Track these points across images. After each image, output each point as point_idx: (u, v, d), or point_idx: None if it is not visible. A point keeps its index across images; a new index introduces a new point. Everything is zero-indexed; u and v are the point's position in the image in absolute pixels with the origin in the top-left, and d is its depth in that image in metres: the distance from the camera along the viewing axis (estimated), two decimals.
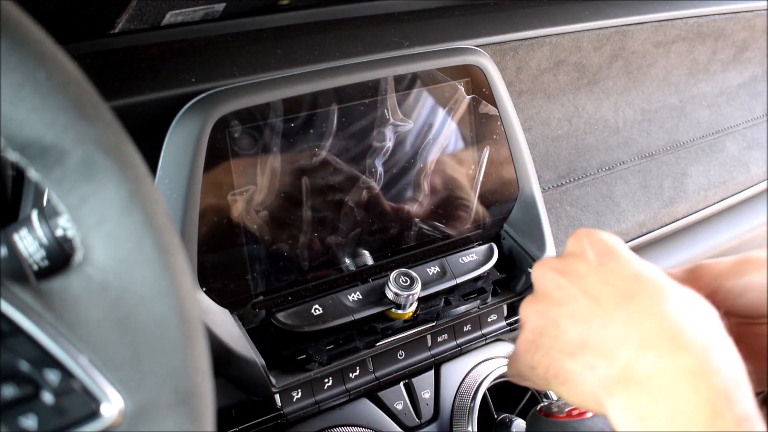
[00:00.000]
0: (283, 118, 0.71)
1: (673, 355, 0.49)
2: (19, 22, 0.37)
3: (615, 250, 0.58)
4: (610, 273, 0.56)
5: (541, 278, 0.61)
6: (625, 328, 0.52)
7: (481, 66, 0.83)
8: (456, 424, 0.82)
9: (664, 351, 0.49)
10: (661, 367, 0.49)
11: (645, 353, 0.50)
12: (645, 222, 1.12)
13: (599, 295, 0.55)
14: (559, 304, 0.58)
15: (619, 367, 0.51)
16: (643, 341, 0.50)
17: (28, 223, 0.49)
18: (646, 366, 0.49)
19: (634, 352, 0.50)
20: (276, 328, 0.72)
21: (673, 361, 0.48)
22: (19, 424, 0.34)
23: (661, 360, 0.49)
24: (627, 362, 0.50)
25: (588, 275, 0.57)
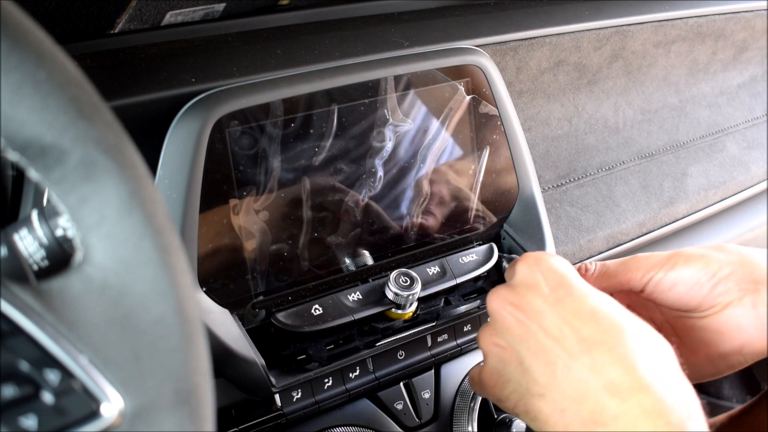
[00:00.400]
0: (283, 118, 0.71)
1: (635, 397, 0.53)
2: (19, 22, 0.37)
3: (568, 282, 0.61)
4: (568, 312, 0.59)
5: (498, 311, 0.63)
6: (591, 375, 0.56)
7: (481, 66, 0.83)
8: (456, 424, 0.82)
9: (627, 395, 0.53)
10: (624, 409, 0.53)
11: (610, 398, 0.54)
12: (645, 222, 1.12)
13: (560, 336, 0.58)
14: (519, 339, 0.61)
15: (587, 411, 0.55)
16: (608, 387, 0.54)
17: (28, 223, 0.49)
18: (612, 409, 0.53)
19: (601, 397, 0.54)
20: (276, 328, 0.72)
21: (635, 403, 0.53)
22: (19, 424, 0.34)
23: (625, 403, 0.53)
24: (594, 406, 0.54)
25: (545, 312, 0.60)
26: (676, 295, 0.68)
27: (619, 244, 1.09)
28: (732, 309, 0.65)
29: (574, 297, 0.60)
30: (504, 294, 0.63)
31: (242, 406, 0.74)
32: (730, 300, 0.65)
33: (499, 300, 0.63)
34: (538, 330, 0.59)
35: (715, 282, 0.66)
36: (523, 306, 0.61)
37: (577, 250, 1.03)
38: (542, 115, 1.08)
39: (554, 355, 0.58)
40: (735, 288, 0.65)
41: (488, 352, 0.64)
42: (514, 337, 0.61)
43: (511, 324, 0.61)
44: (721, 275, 0.66)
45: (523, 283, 0.63)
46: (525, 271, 0.63)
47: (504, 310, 0.62)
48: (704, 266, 0.66)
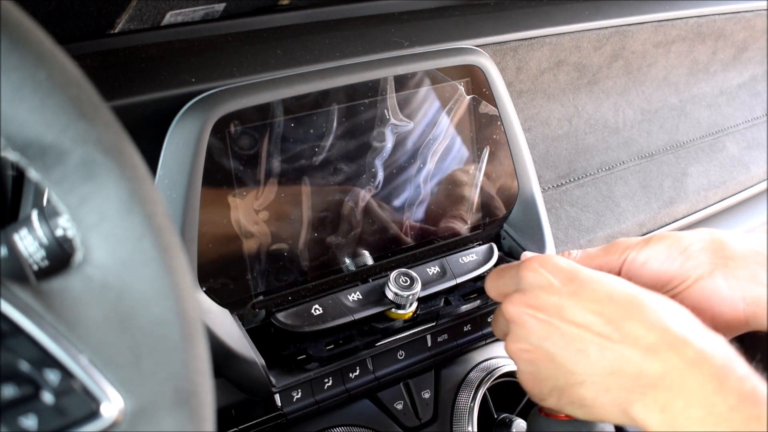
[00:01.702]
0: (283, 118, 0.71)
1: (676, 352, 0.55)
2: (19, 22, 0.37)
3: (577, 275, 0.63)
4: (586, 300, 0.61)
5: (518, 316, 0.65)
6: (627, 348, 0.58)
7: (481, 66, 0.83)
8: (456, 424, 0.82)
9: (668, 353, 0.56)
10: (669, 367, 0.55)
11: (651, 362, 0.56)
12: (645, 222, 1.12)
13: (587, 323, 0.60)
14: (544, 338, 0.62)
15: (631, 381, 0.57)
16: (648, 352, 0.56)
17: (28, 223, 0.49)
18: (656, 370, 0.56)
19: (643, 364, 0.56)
20: (276, 328, 0.72)
21: (678, 358, 0.55)
22: (19, 424, 0.34)
23: (668, 361, 0.55)
24: (638, 374, 0.57)
25: (564, 305, 0.62)
26: (649, 271, 0.70)
27: None
28: (703, 281, 0.67)
29: (587, 286, 0.62)
30: (518, 299, 0.65)
31: (242, 406, 0.74)
32: (701, 273, 0.67)
33: (515, 306, 0.65)
34: (561, 324, 0.61)
35: (686, 256, 0.68)
36: (540, 306, 0.63)
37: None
38: (542, 115, 1.08)
39: (584, 342, 0.60)
40: (706, 261, 0.67)
41: (518, 359, 0.66)
42: (539, 337, 0.63)
43: (532, 326, 0.63)
44: (692, 250, 0.68)
45: (534, 286, 0.64)
46: (532, 275, 0.65)
47: (523, 314, 0.64)
48: (676, 242, 0.69)
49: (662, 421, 0.55)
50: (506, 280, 0.69)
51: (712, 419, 0.53)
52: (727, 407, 0.52)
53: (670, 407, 0.54)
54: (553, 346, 0.61)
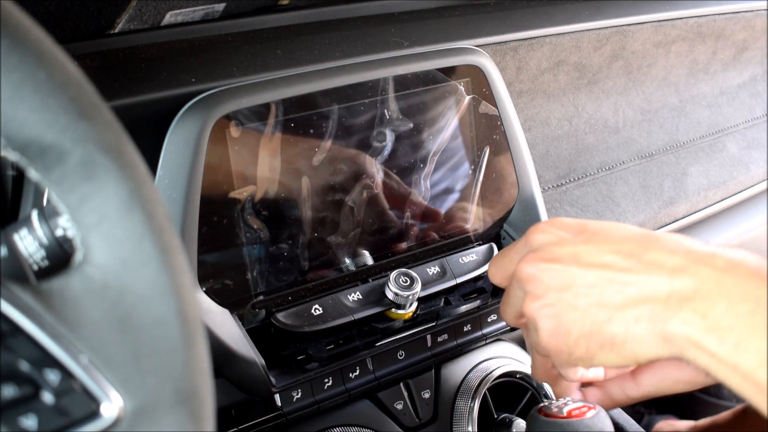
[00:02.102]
0: (283, 118, 0.71)
1: (707, 265, 0.55)
2: (19, 22, 0.37)
3: (587, 226, 0.63)
4: (602, 243, 0.60)
5: (534, 273, 0.62)
6: (654, 276, 0.56)
7: (481, 66, 0.83)
8: (456, 424, 0.82)
9: (697, 267, 0.55)
10: (701, 277, 0.54)
11: (681, 280, 0.55)
12: (645, 222, 1.12)
13: (607, 263, 0.59)
14: (566, 286, 0.60)
15: (663, 302, 0.55)
16: (674, 274, 0.55)
17: (28, 223, 0.49)
18: (687, 286, 0.55)
19: (674, 284, 0.55)
20: (276, 328, 0.72)
21: (710, 267, 0.55)
22: (19, 424, 0.34)
23: (698, 274, 0.55)
24: (670, 293, 0.55)
25: (580, 252, 0.60)
26: None
27: None
28: None
29: (599, 233, 0.61)
30: (531, 257, 0.63)
31: (242, 406, 0.74)
32: None
33: (530, 264, 0.62)
34: (579, 270, 0.59)
35: None
36: (556, 258, 0.61)
37: None
38: (542, 115, 1.08)
39: (607, 280, 0.58)
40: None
41: (539, 317, 0.62)
42: (559, 287, 0.60)
43: (551, 277, 0.61)
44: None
45: (546, 243, 0.63)
46: (541, 235, 0.64)
47: (539, 270, 0.61)
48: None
49: (708, 327, 0.52)
50: (512, 255, 0.67)
51: (763, 309, 0.51)
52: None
53: (712, 312, 0.52)
54: (575, 293, 0.59)
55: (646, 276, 0.56)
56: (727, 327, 0.52)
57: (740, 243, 1.29)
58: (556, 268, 0.61)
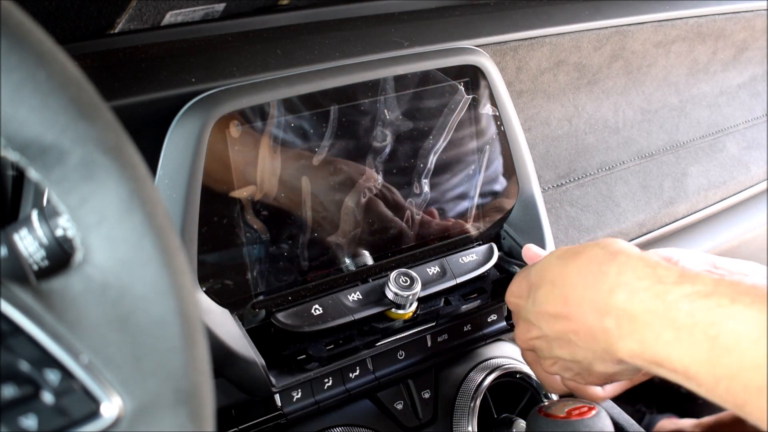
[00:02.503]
0: (283, 118, 0.71)
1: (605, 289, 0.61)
2: (19, 22, 0.37)
3: (532, 282, 0.69)
4: (541, 304, 0.66)
5: (525, 345, 0.72)
6: (584, 323, 0.62)
7: (481, 66, 0.83)
8: (456, 424, 0.82)
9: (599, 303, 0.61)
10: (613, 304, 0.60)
11: (602, 320, 0.60)
12: (645, 222, 1.12)
13: (551, 324, 0.65)
14: (548, 347, 0.68)
15: (610, 342, 0.60)
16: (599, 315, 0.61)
17: (28, 223, 0.49)
18: (610, 324, 0.59)
19: (601, 323, 0.60)
20: (276, 328, 0.72)
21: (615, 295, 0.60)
22: (19, 424, 0.34)
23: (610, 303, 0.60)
24: (604, 331, 0.60)
25: (531, 320, 0.68)
26: None
27: None
28: None
29: (538, 289, 0.67)
30: (518, 333, 0.72)
31: (242, 406, 0.74)
32: None
33: (519, 339, 0.72)
34: (546, 332, 0.67)
35: None
36: (529, 328, 0.69)
37: None
38: (542, 115, 1.08)
39: (564, 336, 0.64)
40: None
41: (556, 372, 0.70)
42: (546, 348, 0.68)
43: (538, 345, 0.69)
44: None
45: (517, 306, 0.72)
46: (511, 296, 0.73)
47: (528, 341, 0.70)
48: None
49: (649, 355, 0.57)
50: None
51: (684, 333, 0.54)
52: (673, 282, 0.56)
53: (646, 342, 0.57)
54: (558, 350, 0.66)
55: (576, 320, 0.62)
56: (666, 353, 0.56)
57: (740, 243, 1.29)
58: (534, 337, 0.68)
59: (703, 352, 0.52)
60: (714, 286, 0.54)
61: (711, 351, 0.52)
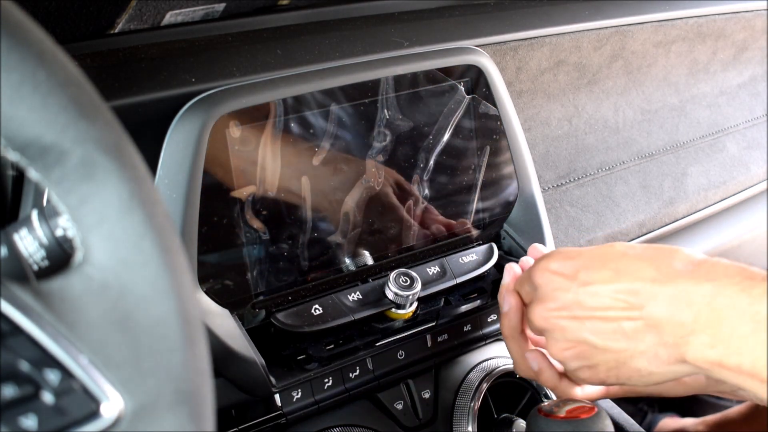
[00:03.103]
0: (283, 118, 0.71)
1: (696, 292, 0.59)
2: (19, 22, 0.37)
3: (580, 266, 0.66)
4: (599, 285, 0.64)
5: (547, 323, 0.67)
6: (650, 309, 0.60)
7: (481, 66, 0.83)
8: (456, 424, 0.82)
9: (689, 295, 0.59)
10: (697, 308, 0.58)
11: (680, 312, 0.59)
12: (645, 222, 1.12)
13: (608, 306, 0.63)
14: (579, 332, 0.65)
15: (673, 338, 0.59)
16: (671, 303, 0.59)
17: (28, 223, 0.49)
18: (687, 318, 0.58)
19: (671, 316, 0.59)
20: (276, 328, 0.72)
21: (701, 297, 0.59)
22: (19, 424, 0.34)
23: (693, 304, 0.58)
24: (671, 322, 0.59)
25: (581, 299, 0.65)
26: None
27: None
28: None
29: (593, 272, 0.64)
30: (540, 308, 0.67)
31: (242, 406, 0.74)
32: None
33: (540, 316, 0.67)
34: (585, 314, 0.64)
35: None
36: (561, 306, 0.65)
37: None
38: (542, 115, 1.08)
39: (615, 322, 0.63)
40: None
41: (565, 359, 0.68)
42: (574, 333, 0.65)
43: (564, 326, 0.65)
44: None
45: (549, 289, 0.67)
46: (542, 278, 0.68)
47: (551, 320, 0.66)
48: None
49: (722, 352, 0.57)
50: (521, 289, 0.72)
51: (762, 326, 0.55)
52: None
53: (719, 337, 0.56)
54: (590, 335, 0.64)
55: (647, 310, 0.60)
56: (737, 345, 0.56)
57: (740, 243, 1.29)
58: (564, 315, 0.65)
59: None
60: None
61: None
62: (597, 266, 0.64)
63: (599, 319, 0.63)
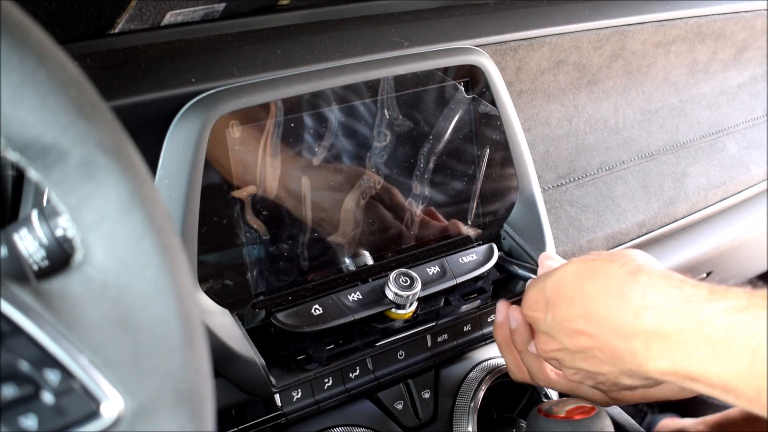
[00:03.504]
0: (283, 118, 0.71)
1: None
2: (19, 22, 0.37)
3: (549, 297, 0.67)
4: (562, 320, 0.65)
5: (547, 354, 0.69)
6: (609, 341, 0.61)
7: (481, 66, 0.83)
8: (456, 424, 0.82)
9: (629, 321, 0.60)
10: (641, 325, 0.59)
11: (629, 342, 0.59)
12: (645, 222, 1.12)
13: (573, 340, 0.64)
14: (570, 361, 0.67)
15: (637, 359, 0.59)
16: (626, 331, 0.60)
17: (28, 223, 0.49)
18: (637, 347, 0.59)
19: (629, 345, 0.59)
20: (276, 328, 0.72)
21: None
22: (19, 424, 0.34)
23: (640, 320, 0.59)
24: (632, 352, 0.59)
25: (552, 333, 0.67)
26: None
27: (619, 244, 1.09)
28: None
29: (558, 306, 0.66)
30: (539, 345, 0.69)
31: (242, 406, 0.74)
32: None
33: (541, 351, 0.69)
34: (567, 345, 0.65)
35: None
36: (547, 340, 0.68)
37: (577, 250, 1.03)
38: (542, 115, 1.08)
39: (586, 351, 0.64)
40: None
41: (575, 380, 0.69)
42: (568, 360, 0.67)
43: (560, 357, 0.67)
44: None
45: (535, 319, 0.69)
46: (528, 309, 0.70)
47: (548, 354, 0.68)
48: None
49: (676, 374, 0.57)
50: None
51: (691, 315, 0.55)
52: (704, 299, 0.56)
53: (675, 354, 0.57)
54: (581, 363, 0.65)
55: (593, 339, 0.62)
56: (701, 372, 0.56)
57: (740, 243, 1.29)
58: (556, 350, 0.67)
59: (743, 364, 0.53)
60: (747, 299, 0.54)
61: (752, 363, 0.52)
62: (556, 297, 0.66)
63: (575, 350, 0.65)
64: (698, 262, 1.24)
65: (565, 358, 0.67)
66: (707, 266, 1.29)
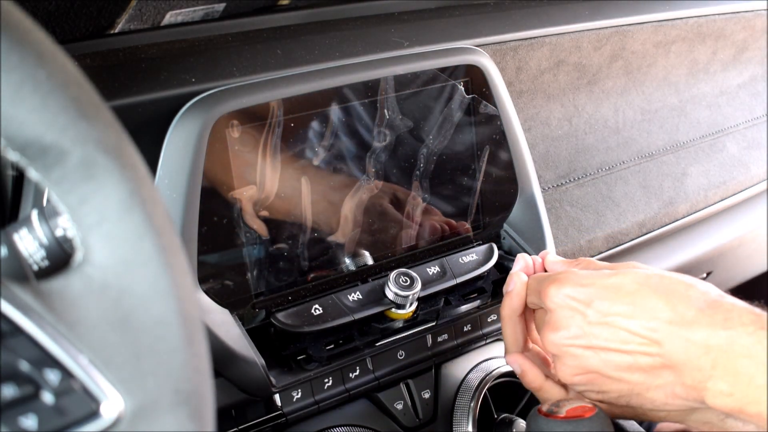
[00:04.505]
0: (283, 118, 0.71)
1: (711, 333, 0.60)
2: (19, 22, 0.37)
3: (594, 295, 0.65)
4: (614, 322, 0.64)
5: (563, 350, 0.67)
6: (665, 348, 0.60)
7: (481, 66, 0.83)
8: (456, 424, 0.82)
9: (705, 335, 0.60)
10: (715, 355, 0.58)
11: (701, 356, 0.59)
12: (645, 222, 1.12)
13: (625, 339, 0.63)
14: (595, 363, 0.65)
15: (690, 378, 0.60)
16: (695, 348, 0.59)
17: (28, 223, 0.49)
18: (706, 364, 0.59)
19: (698, 360, 0.59)
20: (276, 328, 0.72)
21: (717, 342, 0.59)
22: (19, 424, 0.34)
23: (710, 352, 0.59)
24: (695, 366, 0.59)
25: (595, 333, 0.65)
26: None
27: (619, 244, 1.09)
28: None
29: (608, 305, 0.64)
30: (552, 335, 0.67)
31: (242, 406, 0.74)
32: None
33: (553, 341, 0.67)
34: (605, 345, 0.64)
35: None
36: (574, 335, 0.65)
37: (577, 250, 1.03)
38: (542, 115, 1.08)
39: (632, 356, 0.63)
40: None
41: (577, 384, 0.68)
42: (590, 362, 0.65)
43: (581, 354, 0.66)
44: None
45: (562, 315, 0.67)
46: (555, 301, 0.67)
47: (568, 348, 0.66)
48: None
49: (737, 400, 0.57)
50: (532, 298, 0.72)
51: (761, 341, 0.55)
52: None
53: (738, 386, 0.57)
54: (604, 366, 0.64)
55: (665, 349, 0.61)
56: (756, 398, 0.56)
57: (740, 243, 1.29)
58: (578, 345, 0.65)
59: None
60: None
61: None
62: (612, 297, 0.64)
63: (615, 351, 0.63)
64: (698, 262, 1.24)
65: (584, 355, 0.65)
66: (707, 266, 1.29)
